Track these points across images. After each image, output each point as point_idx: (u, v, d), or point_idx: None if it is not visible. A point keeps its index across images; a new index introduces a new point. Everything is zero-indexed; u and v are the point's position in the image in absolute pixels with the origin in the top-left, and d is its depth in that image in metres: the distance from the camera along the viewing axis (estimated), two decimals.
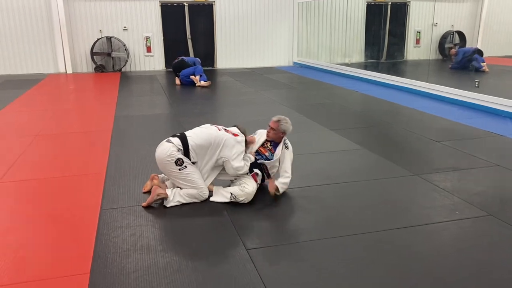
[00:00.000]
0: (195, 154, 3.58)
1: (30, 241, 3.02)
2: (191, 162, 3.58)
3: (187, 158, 3.56)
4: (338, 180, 4.16)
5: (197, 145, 3.58)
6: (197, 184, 3.59)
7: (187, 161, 3.56)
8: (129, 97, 8.77)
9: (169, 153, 3.52)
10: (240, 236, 3.08)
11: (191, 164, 3.59)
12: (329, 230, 3.18)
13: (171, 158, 3.51)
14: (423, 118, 6.75)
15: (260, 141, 3.93)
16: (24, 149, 5.12)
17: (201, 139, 3.61)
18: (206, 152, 3.61)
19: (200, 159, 3.62)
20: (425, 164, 4.64)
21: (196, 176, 3.58)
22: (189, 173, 3.56)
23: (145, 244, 2.97)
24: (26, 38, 12.34)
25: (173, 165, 3.52)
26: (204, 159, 3.63)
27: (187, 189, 3.59)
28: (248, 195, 3.58)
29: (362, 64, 12.72)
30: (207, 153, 3.62)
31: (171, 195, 3.56)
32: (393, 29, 12.41)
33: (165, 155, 3.53)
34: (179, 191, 3.59)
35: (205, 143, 3.59)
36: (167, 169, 3.59)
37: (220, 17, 13.64)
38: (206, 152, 3.61)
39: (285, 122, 3.81)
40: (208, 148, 3.60)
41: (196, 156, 3.59)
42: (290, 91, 9.65)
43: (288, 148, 3.88)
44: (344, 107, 7.68)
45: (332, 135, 5.79)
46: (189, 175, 3.56)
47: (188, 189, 3.59)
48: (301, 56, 14.28)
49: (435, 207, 3.58)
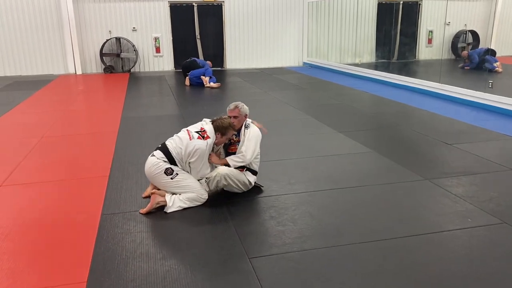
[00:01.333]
0: (181, 162, 3.56)
1: (28, 248, 2.96)
2: (181, 169, 3.54)
3: (175, 166, 3.53)
4: (346, 185, 4.04)
5: (178, 153, 3.55)
6: (194, 188, 3.54)
7: (177, 169, 3.53)
8: (137, 98, 8.74)
9: (156, 165, 3.50)
10: (243, 243, 2.98)
11: (182, 171, 3.55)
12: (336, 238, 3.07)
13: (159, 170, 3.51)
14: (435, 120, 6.59)
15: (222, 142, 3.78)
16: (29, 151, 5.09)
17: (179, 148, 3.56)
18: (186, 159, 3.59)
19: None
20: (436, 168, 4.50)
21: (190, 181, 3.55)
22: (182, 179, 3.53)
23: (144, 251, 2.88)
24: (36, 39, 12.40)
25: (164, 176, 3.51)
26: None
27: (186, 194, 3.52)
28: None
29: (373, 64, 12.54)
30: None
31: (170, 201, 3.48)
32: (405, 28, 12.21)
33: (152, 168, 3.53)
34: (178, 196, 3.52)
35: (182, 151, 3.55)
36: (160, 182, 3.56)
37: (229, 17, 13.57)
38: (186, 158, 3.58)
39: (242, 105, 3.79)
40: (186, 156, 3.55)
41: (182, 163, 3.57)
42: (299, 91, 9.53)
43: (248, 127, 3.78)
44: (354, 108, 7.54)
45: (341, 137, 5.66)
46: (183, 181, 3.52)
47: (187, 193, 3.51)
48: (311, 56, 14.15)
49: (447, 214, 3.44)
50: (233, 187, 3.71)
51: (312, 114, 6.93)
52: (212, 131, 3.63)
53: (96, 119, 7.02)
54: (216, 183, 3.63)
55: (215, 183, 3.62)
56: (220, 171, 3.61)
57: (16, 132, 6.08)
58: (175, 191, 3.55)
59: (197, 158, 3.54)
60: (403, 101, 8.00)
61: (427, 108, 7.32)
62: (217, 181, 3.61)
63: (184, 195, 3.52)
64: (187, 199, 3.51)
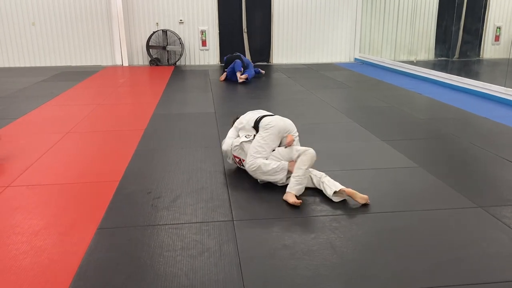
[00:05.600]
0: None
1: (6, 269, 2.66)
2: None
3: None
4: (380, 209, 3.44)
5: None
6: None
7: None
8: (174, 92, 8.48)
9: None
10: (244, 279, 2.51)
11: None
12: (358, 281, 2.51)
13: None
14: (498, 131, 5.72)
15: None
16: (47, 149, 4.90)
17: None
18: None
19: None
20: (494, 193, 3.77)
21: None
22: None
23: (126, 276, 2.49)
24: (86, 30, 12.55)
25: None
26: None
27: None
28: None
29: (430, 62, 11.50)
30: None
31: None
32: (469, 24, 11.05)
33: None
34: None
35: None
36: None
37: (278, 10, 13.03)
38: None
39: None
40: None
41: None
42: (344, 91, 8.84)
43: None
44: (404, 113, 6.77)
45: (384, 147, 5.01)
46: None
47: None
48: (363, 52, 13.30)
49: (503, 255, 2.77)
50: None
51: (354, 118, 6.29)
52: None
53: (127, 115, 6.80)
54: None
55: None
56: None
57: (43, 127, 5.96)
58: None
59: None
60: (461, 107, 7.12)
61: (489, 116, 6.42)
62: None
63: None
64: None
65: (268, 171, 3.68)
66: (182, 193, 3.71)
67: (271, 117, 3.97)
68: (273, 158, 3.77)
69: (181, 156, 4.68)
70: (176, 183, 3.93)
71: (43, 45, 12.50)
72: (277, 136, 3.83)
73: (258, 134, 3.87)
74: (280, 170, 3.67)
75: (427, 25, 11.88)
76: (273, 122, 3.86)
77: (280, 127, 3.85)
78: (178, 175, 4.12)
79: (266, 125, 3.85)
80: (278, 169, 3.67)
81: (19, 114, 6.60)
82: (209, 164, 4.40)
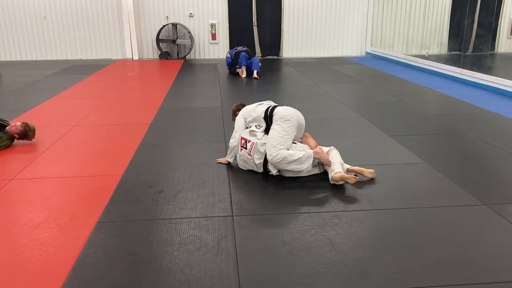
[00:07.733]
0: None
1: (5, 261, 2.68)
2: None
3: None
4: (382, 206, 3.38)
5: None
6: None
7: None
8: (182, 87, 8.47)
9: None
10: (240, 275, 2.49)
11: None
12: (356, 280, 2.47)
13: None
14: (509, 127, 5.59)
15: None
16: (52, 143, 4.93)
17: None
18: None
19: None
20: (501, 190, 3.68)
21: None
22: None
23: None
24: (96, 23, 12.60)
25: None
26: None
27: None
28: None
29: (443, 56, 11.29)
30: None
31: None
32: (483, 17, 10.80)
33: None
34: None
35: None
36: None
37: (288, 2, 12.90)
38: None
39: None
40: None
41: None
42: (354, 85, 8.74)
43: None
44: (413, 108, 6.65)
45: (390, 142, 4.93)
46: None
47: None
48: (374, 46, 13.13)
49: (507, 256, 2.70)
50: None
51: (362, 113, 6.21)
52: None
53: (134, 108, 6.81)
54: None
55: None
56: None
57: (51, 120, 6.00)
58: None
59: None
60: (473, 102, 6.97)
61: (502, 113, 6.27)
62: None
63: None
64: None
65: (295, 160, 3.73)
66: (184, 188, 3.70)
67: (284, 108, 4.02)
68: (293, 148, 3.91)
69: (185, 151, 4.67)
70: (178, 178, 3.92)
71: (54, 38, 12.60)
72: (296, 127, 3.95)
73: (277, 125, 3.86)
74: (306, 159, 3.74)
75: (440, 18, 11.66)
76: (291, 114, 3.95)
77: (297, 119, 3.98)
78: (181, 170, 4.11)
79: (285, 116, 3.89)
80: (303, 158, 3.74)
81: (29, 107, 6.66)
82: (212, 159, 4.38)
